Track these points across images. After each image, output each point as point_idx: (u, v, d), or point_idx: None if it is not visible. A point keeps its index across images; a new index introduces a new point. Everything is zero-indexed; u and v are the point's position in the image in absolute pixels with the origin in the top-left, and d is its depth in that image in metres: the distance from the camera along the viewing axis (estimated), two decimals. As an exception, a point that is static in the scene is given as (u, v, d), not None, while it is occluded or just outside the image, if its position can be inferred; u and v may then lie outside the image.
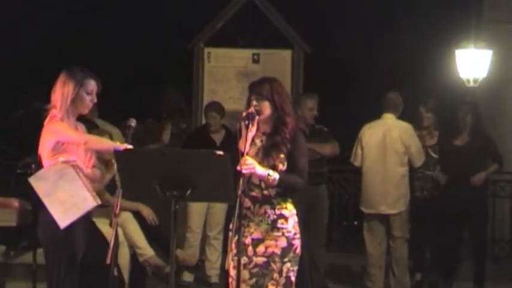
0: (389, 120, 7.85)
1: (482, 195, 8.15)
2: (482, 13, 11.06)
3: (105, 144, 5.23)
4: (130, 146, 4.83)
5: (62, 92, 5.14)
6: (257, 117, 4.76)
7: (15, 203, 6.92)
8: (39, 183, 5.08)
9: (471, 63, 10.36)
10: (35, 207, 6.57)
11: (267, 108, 4.82)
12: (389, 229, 7.84)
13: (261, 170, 4.68)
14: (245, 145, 4.63)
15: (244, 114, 4.75)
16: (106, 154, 5.89)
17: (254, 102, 4.80)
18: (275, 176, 4.71)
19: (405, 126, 7.89)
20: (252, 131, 4.70)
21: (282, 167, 4.79)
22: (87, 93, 5.20)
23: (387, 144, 7.75)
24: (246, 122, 4.71)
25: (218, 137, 8.19)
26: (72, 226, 5.04)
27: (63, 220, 5.01)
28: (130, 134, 5.15)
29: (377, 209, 7.80)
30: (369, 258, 7.93)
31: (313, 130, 7.86)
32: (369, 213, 7.90)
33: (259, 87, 4.84)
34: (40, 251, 6.37)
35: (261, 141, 4.84)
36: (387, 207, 7.76)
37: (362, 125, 8.03)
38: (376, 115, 8.06)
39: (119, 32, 13.13)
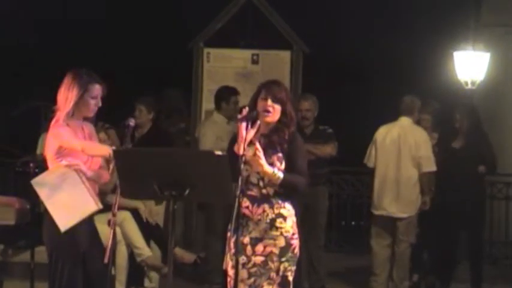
0: (405, 123, 7.82)
1: (479, 197, 8.15)
2: (481, 16, 11.10)
3: (101, 150, 5.20)
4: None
5: (66, 95, 5.14)
6: (258, 121, 4.77)
7: (15, 202, 6.93)
8: (41, 186, 5.08)
9: (469, 65, 10.37)
10: (34, 207, 6.59)
11: (278, 112, 4.86)
12: (395, 232, 7.81)
13: (268, 166, 4.71)
14: (244, 143, 4.63)
15: (243, 113, 4.75)
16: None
17: (269, 103, 4.82)
18: (279, 174, 4.74)
19: (419, 131, 7.86)
20: (251, 132, 4.71)
21: (280, 165, 4.81)
22: (92, 98, 5.20)
23: (401, 147, 7.72)
24: (245, 123, 4.72)
25: (141, 132, 7.88)
26: (75, 227, 5.05)
27: (64, 224, 5.02)
28: (129, 133, 5.18)
29: (387, 212, 7.77)
30: (374, 259, 7.89)
31: (316, 130, 7.84)
32: (378, 214, 7.87)
33: (277, 91, 4.86)
34: (38, 249, 6.37)
35: (259, 141, 4.86)
36: (397, 211, 7.73)
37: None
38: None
39: (118, 32, 13.14)
